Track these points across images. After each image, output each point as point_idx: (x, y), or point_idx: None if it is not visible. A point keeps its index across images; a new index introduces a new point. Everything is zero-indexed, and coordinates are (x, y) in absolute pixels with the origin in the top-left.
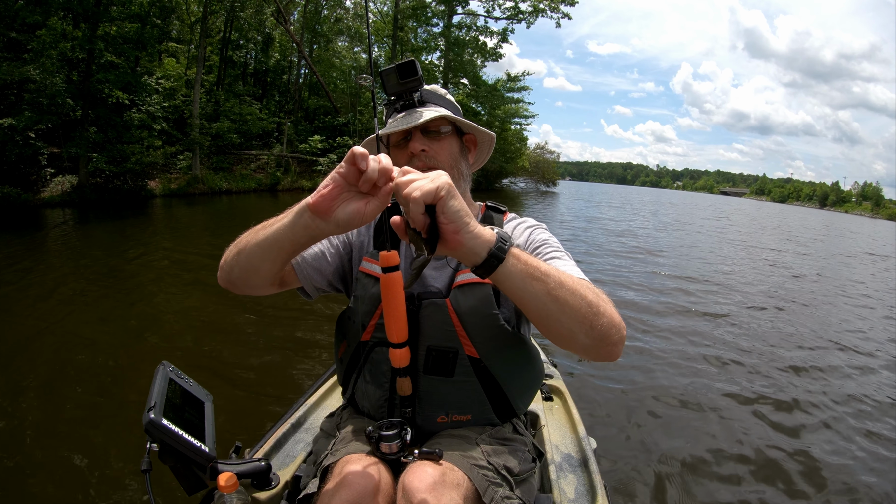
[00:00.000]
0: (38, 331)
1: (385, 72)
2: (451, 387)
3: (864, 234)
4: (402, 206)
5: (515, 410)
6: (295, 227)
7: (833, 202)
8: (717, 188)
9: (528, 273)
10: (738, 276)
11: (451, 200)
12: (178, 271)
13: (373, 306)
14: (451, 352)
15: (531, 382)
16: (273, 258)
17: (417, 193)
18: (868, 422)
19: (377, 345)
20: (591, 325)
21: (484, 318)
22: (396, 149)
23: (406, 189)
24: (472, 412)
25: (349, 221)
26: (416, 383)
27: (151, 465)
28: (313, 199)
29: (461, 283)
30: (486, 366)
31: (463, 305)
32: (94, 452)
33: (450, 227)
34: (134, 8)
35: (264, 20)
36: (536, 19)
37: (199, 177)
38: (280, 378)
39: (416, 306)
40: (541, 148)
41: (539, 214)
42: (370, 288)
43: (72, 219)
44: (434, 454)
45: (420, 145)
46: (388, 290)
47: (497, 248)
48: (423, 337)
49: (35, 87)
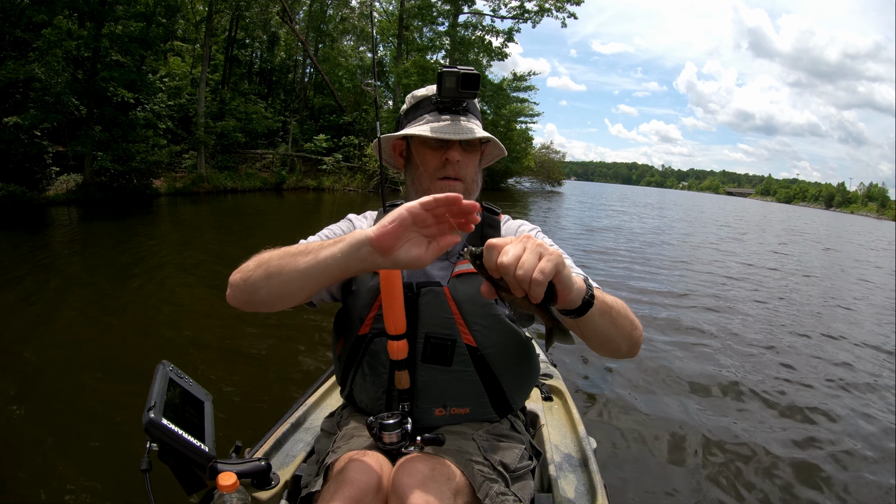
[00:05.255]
0: (39, 328)
1: (447, 73)
2: (449, 377)
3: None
4: (514, 284)
5: (512, 405)
6: (349, 259)
7: (839, 203)
8: (722, 188)
9: (602, 309)
10: (738, 274)
11: (564, 270)
12: (181, 270)
13: (371, 298)
14: (448, 340)
15: (528, 377)
16: (314, 286)
17: (541, 276)
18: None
19: (376, 336)
20: (632, 337)
21: (481, 307)
22: (425, 147)
23: (521, 272)
24: (469, 405)
25: (408, 264)
26: (413, 374)
27: (151, 465)
28: (376, 234)
29: (459, 273)
30: (483, 355)
31: (461, 294)
32: (93, 452)
33: (564, 292)
34: (139, 7)
35: (269, 19)
36: (542, 19)
37: (204, 175)
38: (280, 377)
39: (414, 294)
40: (546, 147)
41: (538, 216)
42: (368, 281)
43: (77, 217)
44: (437, 439)
45: (458, 155)
46: (388, 284)
47: (589, 294)
48: (422, 325)
49: (40, 86)
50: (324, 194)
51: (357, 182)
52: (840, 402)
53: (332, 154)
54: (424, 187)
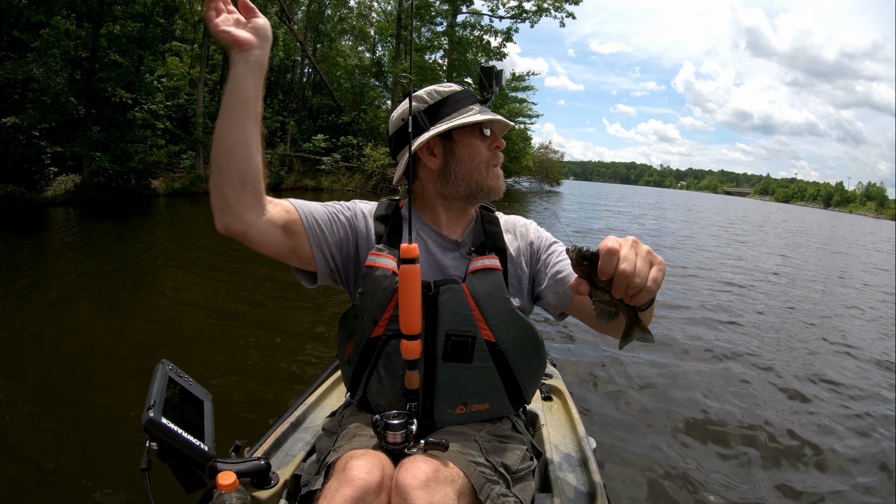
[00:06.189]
0: (39, 328)
1: (497, 72)
2: (470, 373)
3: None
4: (621, 289)
5: (525, 397)
6: (245, 76)
7: (837, 202)
8: (720, 188)
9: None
10: (739, 273)
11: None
12: (180, 270)
13: (386, 299)
14: (469, 337)
15: (539, 367)
16: (247, 129)
17: (654, 286)
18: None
19: (392, 338)
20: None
21: (498, 301)
22: (475, 138)
23: (638, 279)
24: (489, 400)
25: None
26: (434, 374)
27: (151, 464)
28: (234, 45)
29: (475, 269)
30: (501, 350)
31: (479, 290)
32: (92, 451)
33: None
34: (137, 7)
35: (268, 19)
36: (540, 18)
37: (202, 176)
38: (280, 377)
39: (434, 292)
40: (544, 147)
41: (539, 216)
42: (382, 282)
43: (75, 218)
44: (440, 444)
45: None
46: (406, 282)
47: None
48: (442, 323)
49: (38, 86)
50: (322, 194)
51: (355, 182)
52: (855, 418)
53: (330, 154)
54: (480, 177)
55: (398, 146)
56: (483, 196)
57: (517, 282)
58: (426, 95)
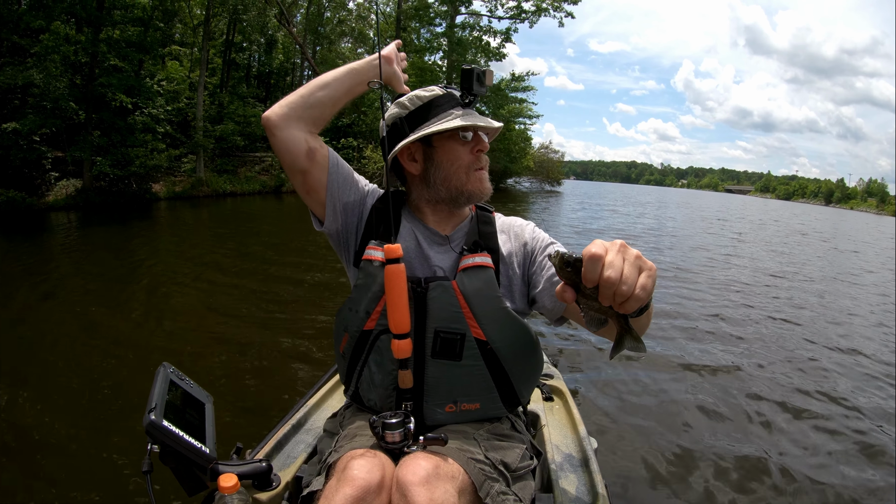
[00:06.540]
0: (41, 332)
1: (478, 71)
2: (459, 371)
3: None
4: (608, 296)
5: (520, 399)
6: (367, 66)
7: (838, 199)
8: (721, 186)
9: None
10: (739, 273)
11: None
12: (181, 273)
13: (380, 290)
14: (458, 334)
15: (534, 370)
16: (345, 88)
17: (643, 294)
18: None
19: (382, 332)
20: (648, 326)
21: (489, 300)
22: (455, 142)
23: (625, 287)
24: (479, 400)
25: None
26: (423, 371)
27: (152, 467)
28: (385, 53)
29: (466, 266)
30: (493, 349)
31: (469, 287)
32: (94, 454)
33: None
34: (137, 12)
35: (267, 22)
36: (539, 18)
37: (203, 179)
38: (281, 379)
39: (423, 289)
40: (545, 147)
41: (538, 217)
42: (375, 275)
43: (76, 222)
44: (440, 439)
45: (486, 146)
46: (392, 282)
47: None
48: (431, 319)
49: (39, 91)
50: None
51: None
52: (860, 421)
53: None
54: (460, 182)
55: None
56: (465, 200)
57: (508, 283)
58: (407, 101)
